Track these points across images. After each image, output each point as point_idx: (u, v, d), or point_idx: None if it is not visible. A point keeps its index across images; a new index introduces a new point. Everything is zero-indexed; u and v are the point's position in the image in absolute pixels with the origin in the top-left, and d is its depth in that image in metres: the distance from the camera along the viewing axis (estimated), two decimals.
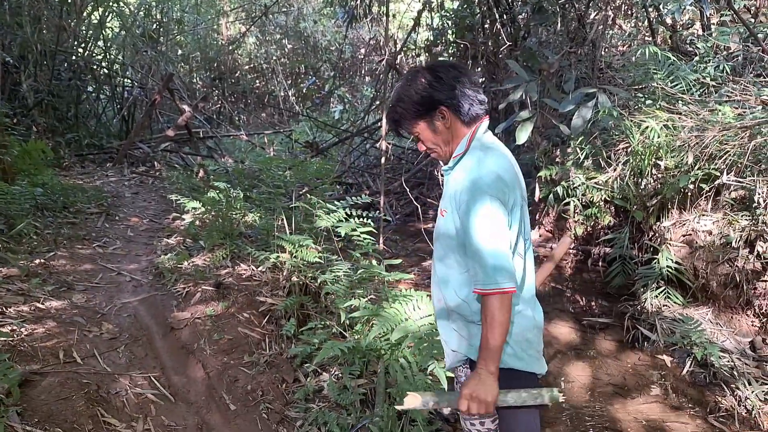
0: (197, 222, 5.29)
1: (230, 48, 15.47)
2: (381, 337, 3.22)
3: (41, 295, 3.58)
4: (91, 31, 10.93)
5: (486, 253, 1.61)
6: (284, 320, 3.72)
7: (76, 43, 10.58)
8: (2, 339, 2.80)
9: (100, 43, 11.55)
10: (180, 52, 15.10)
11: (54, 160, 7.74)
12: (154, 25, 12.24)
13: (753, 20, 5.95)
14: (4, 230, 4.54)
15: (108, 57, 11.86)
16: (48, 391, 2.59)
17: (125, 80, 12.20)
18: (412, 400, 1.70)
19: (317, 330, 3.49)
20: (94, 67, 11.19)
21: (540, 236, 6.91)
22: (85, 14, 10.49)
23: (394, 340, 3.09)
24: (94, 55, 11.40)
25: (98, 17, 10.93)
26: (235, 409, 2.91)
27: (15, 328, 3.03)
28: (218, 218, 4.97)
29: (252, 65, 16.36)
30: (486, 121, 1.77)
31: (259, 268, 4.34)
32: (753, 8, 6.50)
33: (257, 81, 16.44)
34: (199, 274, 4.16)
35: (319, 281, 3.86)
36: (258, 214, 5.22)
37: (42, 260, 4.17)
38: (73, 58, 10.49)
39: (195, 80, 15.80)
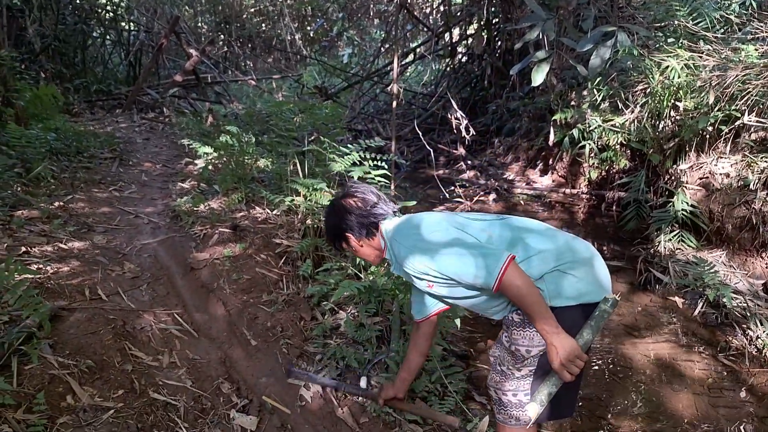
0: (210, 167, 5.30)
1: None
2: (396, 277, 3.27)
3: (63, 235, 3.64)
4: None
5: (469, 263, 1.74)
6: (300, 261, 3.77)
7: None
8: (30, 276, 2.87)
9: None
10: None
11: (64, 105, 7.72)
12: None
13: None
14: (22, 173, 4.57)
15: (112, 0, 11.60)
16: (77, 325, 2.67)
17: (131, 24, 11.97)
18: (534, 408, 1.79)
19: (332, 271, 3.54)
20: (99, 10, 10.96)
21: (553, 182, 6.88)
22: None
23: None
24: None
25: None
26: (256, 345, 2.99)
27: (41, 266, 3.10)
28: (231, 162, 4.97)
29: (258, 8, 15.94)
30: (384, 221, 2.05)
31: (274, 212, 4.37)
32: None
33: (263, 24, 16.06)
34: (216, 217, 4.20)
35: None
36: (270, 159, 5.21)
37: (61, 203, 4.22)
38: (77, 1, 10.27)
39: (200, 24, 15.47)
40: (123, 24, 11.70)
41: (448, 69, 9.88)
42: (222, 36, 14.90)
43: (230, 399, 2.60)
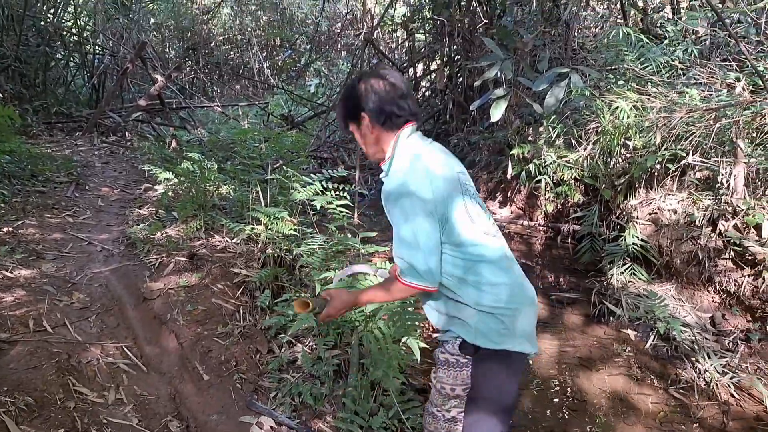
0: (170, 193, 5.23)
1: (205, 18, 15.09)
2: (357, 311, 3.26)
3: (10, 263, 3.53)
4: None
5: (405, 253, 1.77)
6: (259, 292, 3.73)
7: (45, 8, 10.20)
8: None
9: (71, 8, 11.16)
10: (153, 20, 14.68)
11: (21, 127, 7.54)
12: None
13: (721, 5, 6.04)
14: None
15: (78, 23, 11.46)
16: (17, 359, 2.56)
17: (96, 48, 11.83)
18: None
19: (292, 302, 3.51)
20: (64, 33, 10.81)
21: (511, 213, 7.01)
22: None
23: (368, 312, 3.14)
24: (63, 20, 11.00)
25: None
26: (209, 379, 2.92)
27: None
28: (192, 189, 4.92)
29: (226, 36, 16.00)
30: (409, 127, 1.89)
31: (234, 240, 4.33)
32: None
33: (232, 52, 16.11)
34: (173, 245, 4.14)
35: (294, 253, 3.88)
36: (232, 186, 5.19)
37: (10, 228, 4.10)
38: (42, 23, 10.12)
39: (167, 50, 15.41)
40: (88, 47, 11.55)
41: None
42: (189, 62, 14.86)
43: None
